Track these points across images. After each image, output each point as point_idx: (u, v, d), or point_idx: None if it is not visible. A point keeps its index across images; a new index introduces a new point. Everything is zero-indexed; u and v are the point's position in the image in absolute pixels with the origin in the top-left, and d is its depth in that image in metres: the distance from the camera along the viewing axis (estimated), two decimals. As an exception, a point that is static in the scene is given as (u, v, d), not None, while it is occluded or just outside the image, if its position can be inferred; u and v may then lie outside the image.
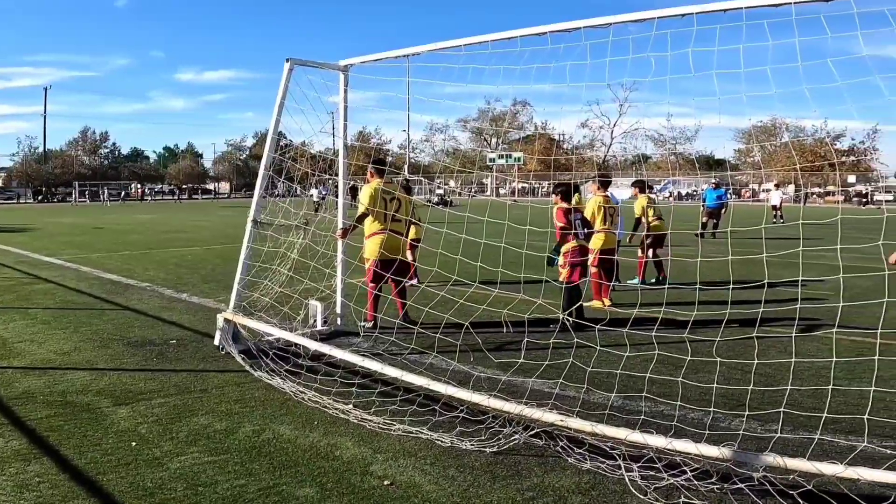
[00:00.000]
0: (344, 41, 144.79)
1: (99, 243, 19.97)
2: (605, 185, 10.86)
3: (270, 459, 4.40)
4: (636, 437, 4.15)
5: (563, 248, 8.48)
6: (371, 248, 8.07)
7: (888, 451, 4.03)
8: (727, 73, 4.87)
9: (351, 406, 5.27)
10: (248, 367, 6.33)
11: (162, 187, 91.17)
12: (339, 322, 7.86)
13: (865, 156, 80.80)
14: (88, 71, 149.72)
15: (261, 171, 7.41)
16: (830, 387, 4.72)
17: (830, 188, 67.04)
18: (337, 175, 8.05)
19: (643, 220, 12.11)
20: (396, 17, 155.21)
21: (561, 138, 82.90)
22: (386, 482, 4.06)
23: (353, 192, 8.46)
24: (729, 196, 21.54)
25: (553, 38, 5.45)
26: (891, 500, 3.46)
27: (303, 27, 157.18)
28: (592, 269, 9.80)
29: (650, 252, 12.06)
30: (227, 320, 6.94)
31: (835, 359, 5.68)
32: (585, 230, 8.87)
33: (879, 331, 5.55)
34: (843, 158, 73.20)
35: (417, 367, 5.97)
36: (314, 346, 6.31)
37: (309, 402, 5.41)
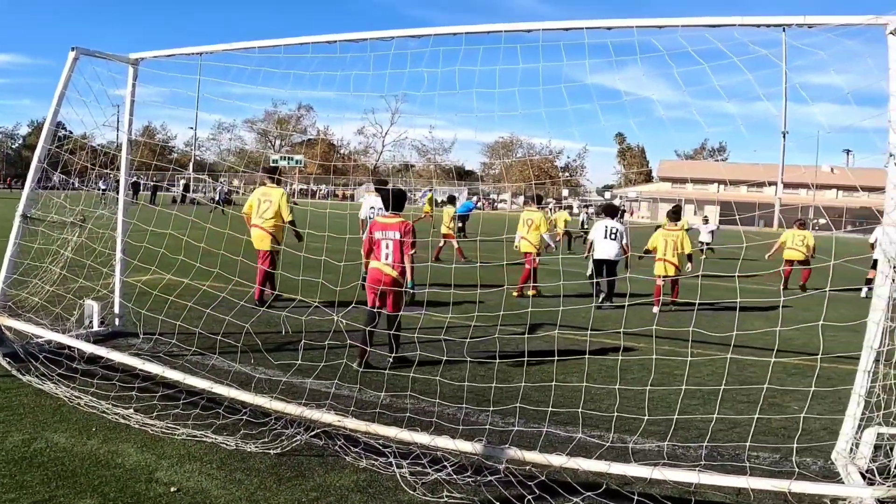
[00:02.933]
0: (133, 35, 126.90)
1: None
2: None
3: (45, 470, 3.93)
4: (404, 435, 4.35)
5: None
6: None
7: (597, 441, 4.60)
8: (481, 92, 5.39)
9: (131, 411, 4.83)
10: (14, 372, 5.52)
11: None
12: (117, 323, 7.12)
13: (577, 172, 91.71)
14: None
15: (33, 164, 6.47)
16: (554, 383, 5.27)
17: (550, 200, 74.53)
18: (118, 170, 7.29)
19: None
20: (190, 14, 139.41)
21: (339, 143, 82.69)
22: (172, 489, 3.84)
23: (135, 188, 7.79)
24: (479, 205, 23.25)
25: (342, 47, 5.50)
26: (603, 488, 3.89)
27: (94, 15, 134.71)
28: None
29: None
30: (-12, 321, 5.97)
31: (556, 358, 6.35)
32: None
33: (590, 331, 6.40)
34: (561, 175, 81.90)
35: (200, 370, 5.65)
36: (90, 348, 5.68)
37: (85, 408, 4.87)
